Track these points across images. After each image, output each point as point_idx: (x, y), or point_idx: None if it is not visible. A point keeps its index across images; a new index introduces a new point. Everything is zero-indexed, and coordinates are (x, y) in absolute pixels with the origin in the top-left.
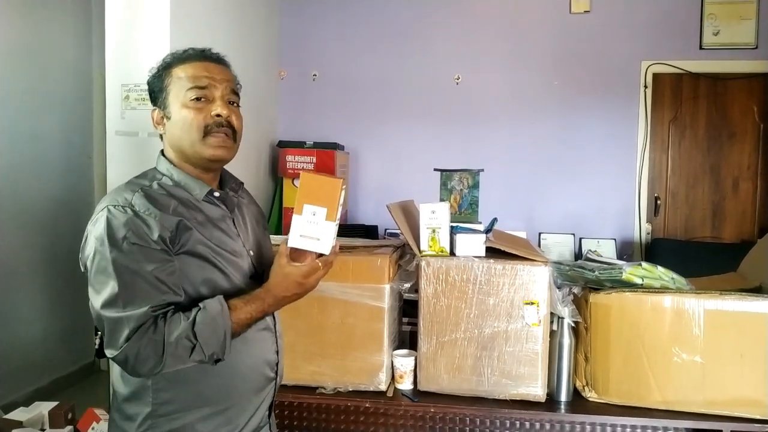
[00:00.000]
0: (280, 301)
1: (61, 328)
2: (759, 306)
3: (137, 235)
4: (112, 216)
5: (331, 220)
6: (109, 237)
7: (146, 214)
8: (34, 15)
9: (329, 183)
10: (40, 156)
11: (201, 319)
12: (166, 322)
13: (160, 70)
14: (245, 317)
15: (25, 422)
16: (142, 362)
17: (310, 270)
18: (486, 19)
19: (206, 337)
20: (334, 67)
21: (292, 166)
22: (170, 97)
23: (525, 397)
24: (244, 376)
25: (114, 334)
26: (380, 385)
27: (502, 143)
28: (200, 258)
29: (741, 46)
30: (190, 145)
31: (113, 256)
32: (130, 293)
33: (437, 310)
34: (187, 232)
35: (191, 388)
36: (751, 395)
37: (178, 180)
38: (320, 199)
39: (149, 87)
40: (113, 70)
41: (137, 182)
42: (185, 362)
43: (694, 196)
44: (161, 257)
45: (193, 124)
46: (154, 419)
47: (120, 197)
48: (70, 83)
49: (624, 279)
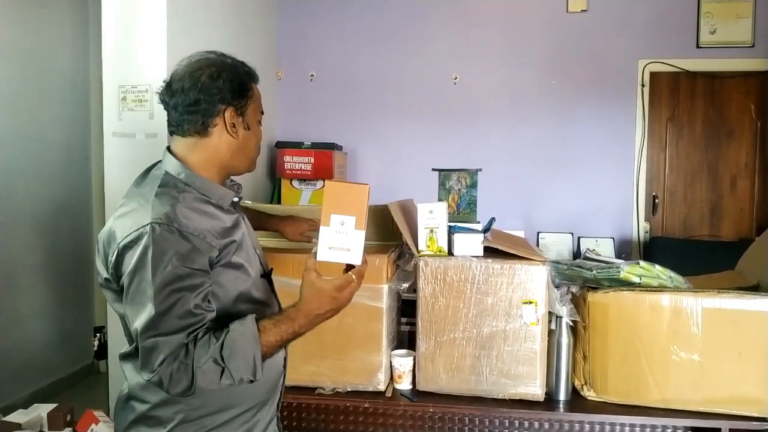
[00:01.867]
0: (313, 319)
1: (59, 330)
2: (757, 304)
3: (183, 258)
4: (158, 236)
5: (361, 229)
6: (154, 259)
7: (193, 235)
8: (31, 17)
9: (356, 189)
10: (38, 158)
11: (229, 343)
12: (197, 346)
13: (245, 73)
14: (275, 339)
15: (24, 424)
16: (176, 385)
17: (344, 283)
18: (483, 18)
19: (234, 361)
20: (331, 68)
21: (290, 166)
22: (250, 109)
23: (524, 397)
24: (267, 375)
25: (149, 357)
26: (379, 385)
27: (500, 143)
28: (235, 268)
29: (738, 44)
30: (247, 159)
31: (156, 280)
32: (168, 320)
33: (435, 310)
34: (230, 245)
35: (221, 391)
36: (750, 393)
37: (201, 188)
38: (348, 208)
39: (239, 86)
40: (110, 72)
41: (168, 193)
42: (217, 385)
43: (691, 194)
44: (201, 280)
45: (260, 142)
46: (183, 425)
47: (160, 213)
48: (67, 85)
49: (622, 278)
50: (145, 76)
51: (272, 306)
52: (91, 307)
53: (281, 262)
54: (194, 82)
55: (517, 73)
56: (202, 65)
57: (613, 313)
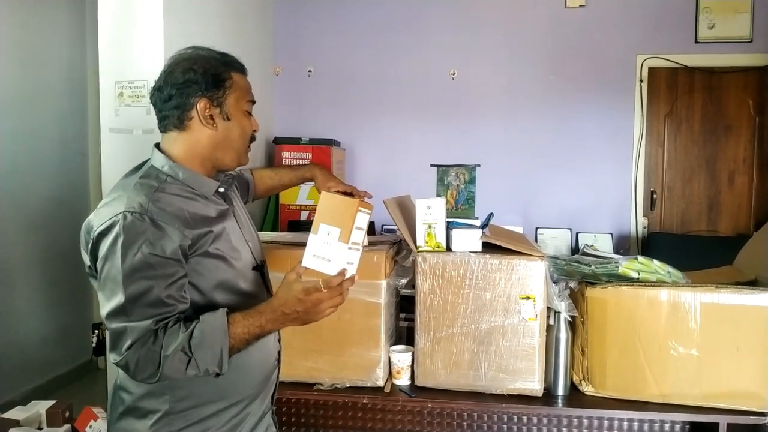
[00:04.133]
0: (279, 317)
1: (58, 327)
2: (755, 299)
3: (153, 245)
4: (129, 223)
5: (344, 242)
6: (123, 246)
7: (165, 223)
8: (27, 13)
9: (345, 203)
10: (35, 154)
11: (198, 334)
12: (166, 334)
13: (221, 64)
14: (242, 332)
15: (23, 421)
16: (141, 371)
17: (311, 288)
18: (481, 13)
19: (202, 351)
20: (329, 63)
21: (287, 162)
22: (230, 99)
23: (522, 392)
24: (256, 369)
25: (117, 342)
26: (377, 381)
27: (499, 138)
28: (215, 258)
29: (736, 39)
30: (233, 151)
31: (125, 266)
32: (136, 306)
33: (434, 305)
34: (206, 235)
35: (208, 384)
36: (748, 388)
37: (184, 178)
38: (335, 219)
39: (212, 78)
40: (107, 68)
41: (147, 183)
42: (182, 374)
43: (690, 189)
44: (173, 270)
45: (245, 133)
46: (169, 417)
47: (134, 202)
48: (63, 80)
49: (620, 273)
50: (142, 71)
51: (262, 299)
52: (89, 303)
53: (279, 257)
54: (167, 77)
55: (515, 69)
56: (177, 60)
57: (612, 309)
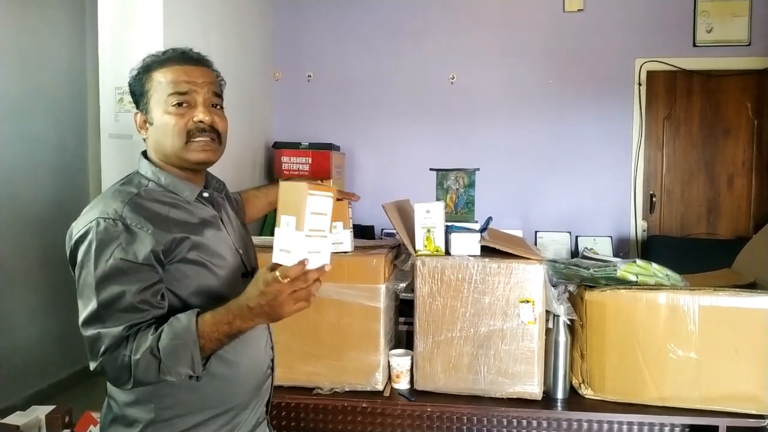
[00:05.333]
0: (245, 312)
1: (57, 332)
2: (754, 302)
3: (125, 251)
4: (102, 230)
5: (299, 230)
6: (96, 252)
7: (138, 228)
8: (27, 17)
9: (296, 188)
10: (34, 159)
11: (165, 336)
12: (136, 338)
13: (140, 72)
14: (211, 330)
15: (22, 426)
16: (116, 376)
17: (271, 279)
18: (480, 18)
19: (171, 353)
20: (329, 68)
21: (287, 167)
22: (152, 102)
23: (521, 395)
24: (246, 377)
25: (93, 348)
26: (377, 385)
27: (498, 142)
28: (195, 264)
29: (734, 43)
30: (172, 150)
31: (97, 273)
32: (109, 313)
33: (433, 309)
34: (183, 242)
35: (194, 392)
36: (747, 390)
37: (167, 183)
38: (291, 208)
39: (130, 89)
40: (107, 73)
41: (125, 190)
42: (156, 378)
43: (689, 192)
44: (147, 275)
45: (175, 130)
46: (155, 425)
47: (110, 208)
48: (63, 86)
49: (619, 276)
50: None
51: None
52: None
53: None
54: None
55: (514, 73)
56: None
57: (611, 312)
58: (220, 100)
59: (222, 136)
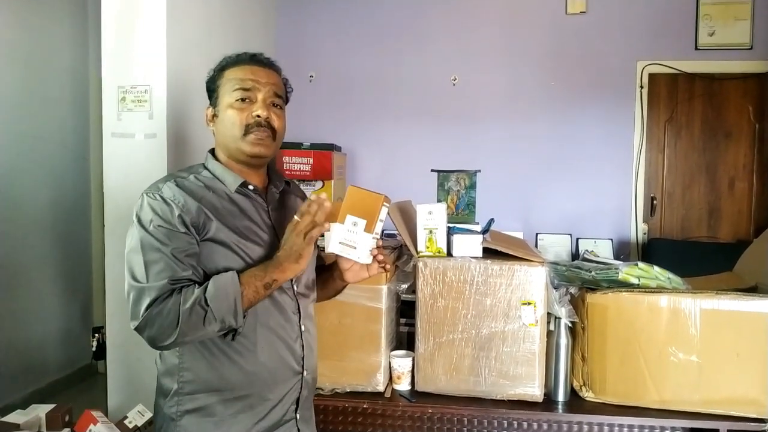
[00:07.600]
0: (273, 260)
1: (58, 331)
2: (755, 305)
3: (162, 218)
4: (144, 202)
5: (369, 232)
6: (139, 220)
7: (171, 200)
8: (30, 17)
9: (372, 198)
10: (37, 158)
11: (212, 287)
12: (183, 292)
13: (215, 71)
14: (248, 279)
15: (23, 425)
16: (160, 331)
17: (292, 225)
18: (482, 20)
19: (217, 302)
20: (330, 69)
21: (289, 167)
22: (220, 97)
23: (522, 398)
24: (265, 365)
25: (137, 305)
26: (378, 386)
27: (499, 144)
28: (223, 245)
29: (736, 46)
30: (232, 141)
31: (141, 235)
32: (153, 268)
33: (434, 310)
34: (210, 220)
35: (213, 371)
36: (748, 394)
37: (212, 168)
38: (361, 212)
39: (207, 87)
40: (109, 72)
41: (175, 174)
42: (201, 329)
43: (690, 195)
44: (183, 239)
45: (235, 122)
46: (180, 396)
47: (155, 186)
48: (66, 85)
49: (620, 279)
50: (145, 76)
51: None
52: (89, 307)
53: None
54: None
55: (516, 75)
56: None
57: (612, 314)
58: (282, 101)
59: (277, 133)
